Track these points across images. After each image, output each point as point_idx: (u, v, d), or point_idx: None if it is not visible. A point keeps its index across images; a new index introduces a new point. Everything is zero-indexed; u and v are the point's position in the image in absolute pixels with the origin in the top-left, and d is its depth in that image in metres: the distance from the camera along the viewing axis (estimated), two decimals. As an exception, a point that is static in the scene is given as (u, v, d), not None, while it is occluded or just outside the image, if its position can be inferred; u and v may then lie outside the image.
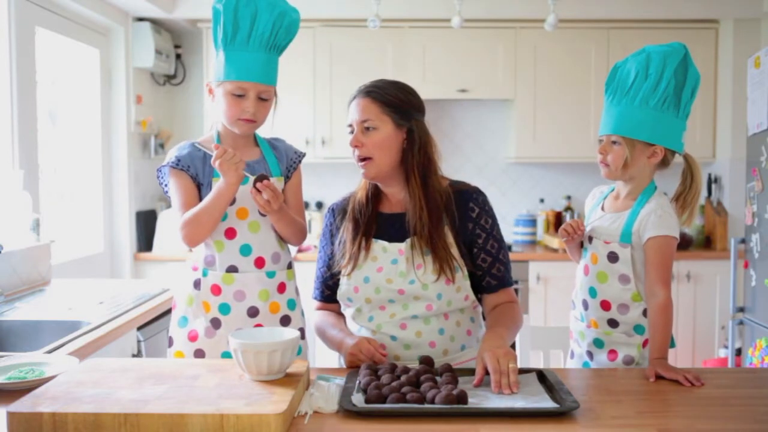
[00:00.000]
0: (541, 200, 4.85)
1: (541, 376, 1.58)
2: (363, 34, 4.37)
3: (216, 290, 1.80)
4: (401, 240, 1.83)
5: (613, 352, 1.84)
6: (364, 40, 4.40)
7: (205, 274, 1.81)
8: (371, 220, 1.87)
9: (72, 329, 2.17)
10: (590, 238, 1.88)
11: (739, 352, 3.57)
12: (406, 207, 1.85)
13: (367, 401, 1.41)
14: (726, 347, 4.16)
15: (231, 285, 1.80)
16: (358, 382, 1.51)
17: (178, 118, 4.84)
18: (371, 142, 1.80)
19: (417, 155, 1.82)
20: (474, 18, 4.22)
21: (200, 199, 1.82)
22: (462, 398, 1.40)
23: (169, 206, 4.63)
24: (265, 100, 1.81)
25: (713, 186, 4.56)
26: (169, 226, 4.37)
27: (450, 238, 1.82)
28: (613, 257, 1.81)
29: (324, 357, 2.08)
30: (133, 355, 2.48)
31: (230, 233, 1.81)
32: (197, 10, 4.27)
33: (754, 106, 3.24)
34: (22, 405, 1.28)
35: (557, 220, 4.72)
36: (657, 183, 1.85)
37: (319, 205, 4.81)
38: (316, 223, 4.54)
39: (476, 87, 4.48)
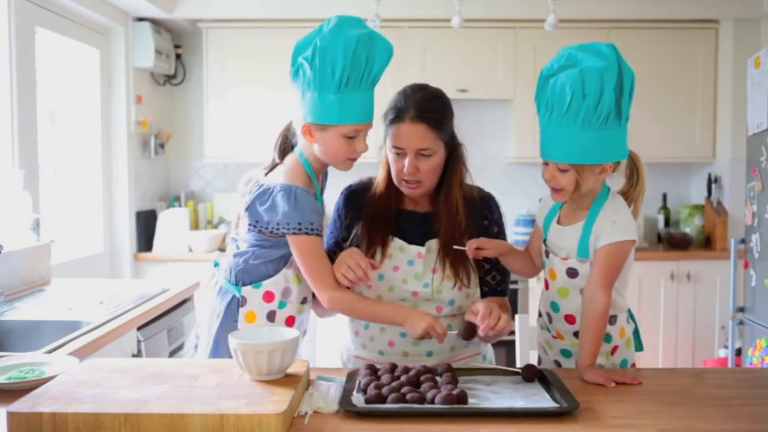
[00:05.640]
0: (541, 200, 4.83)
1: (542, 376, 1.58)
2: (363, 34, 4.35)
3: (290, 321, 1.82)
4: (419, 241, 1.83)
5: None
6: (364, 40, 4.39)
7: (281, 306, 1.80)
8: (392, 218, 1.85)
9: (72, 329, 2.17)
10: (547, 253, 1.81)
11: (739, 352, 3.57)
12: (430, 208, 1.85)
13: (367, 401, 1.41)
14: (726, 347, 4.16)
15: (301, 315, 1.84)
16: (358, 382, 1.51)
17: (178, 118, 4.83)
18: (426, 168, 1.76)
19: (456, 164, 1.83)
20: (474, 18, 4.21)
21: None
22: (462, 398, 1.40)
23: (168, 206, 4.62)
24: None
25: (713, 186, 4.55)
26: (169, 226, 4.36)
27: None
28: (572, 273, 1.74)
29: (324, 357, 2.08)
30: (133, 355, 2.48)
31: None
32: (197, 10, 4.27)
33: (754, 106, 3.24)
34: (22, 405, 1.28)
35: (557, 220, 4.71)
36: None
37: (319, 205, 4.81)
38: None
39: (476, 87, 4.47)
